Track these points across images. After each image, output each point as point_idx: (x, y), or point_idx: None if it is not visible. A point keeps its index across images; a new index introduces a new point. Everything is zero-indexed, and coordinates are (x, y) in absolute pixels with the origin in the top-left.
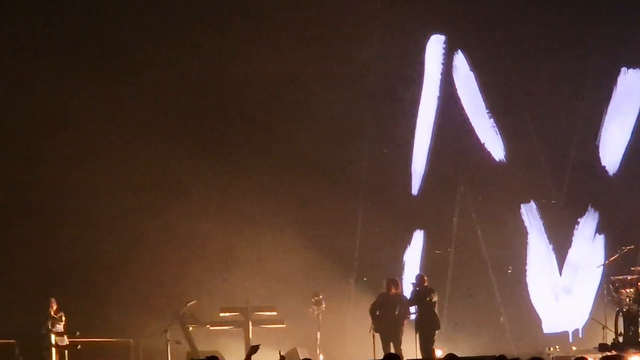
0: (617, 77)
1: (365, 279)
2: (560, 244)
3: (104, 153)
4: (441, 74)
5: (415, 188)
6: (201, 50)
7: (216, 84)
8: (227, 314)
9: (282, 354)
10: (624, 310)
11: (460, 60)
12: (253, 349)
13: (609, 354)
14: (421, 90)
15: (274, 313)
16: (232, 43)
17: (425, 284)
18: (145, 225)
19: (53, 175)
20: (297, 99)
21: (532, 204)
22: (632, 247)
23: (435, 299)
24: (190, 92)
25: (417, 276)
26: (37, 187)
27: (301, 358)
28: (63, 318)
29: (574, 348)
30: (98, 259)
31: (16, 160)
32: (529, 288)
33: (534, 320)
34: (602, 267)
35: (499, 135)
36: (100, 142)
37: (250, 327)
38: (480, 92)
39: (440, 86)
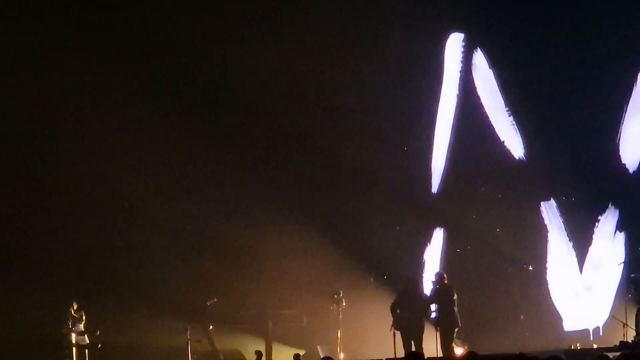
0: (637, 74)
1: (385, 277)
2: (581, 242)
3: (126, 151)
4: (460, 71)
5: (435, 186)
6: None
7: (236, 79)
8: (248, 312)
9: (298, 355)
10: None
11: (479, 58)
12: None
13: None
14: (441, 88)
15: (294, 311)
16: (250, 37)
17: (445, 282)
18: (166, 224)
19: (78, 175)
20: (317, 97)
21: (552, 202)
22: None
23: (455, 297)
24: (208, 88)
25: (436, 274)
26: (60, 186)
27: (321, 356)
28: (84, 317)
29: (594, 346)
30: (119, 258)
31: (37, 159)
32: (549, 286)
33: (555, 318)
34: (622, 264)
35: (519, 133)
36: (122, 140)
37: (270, 325)
38: (500, 90)
39: (459, 84)
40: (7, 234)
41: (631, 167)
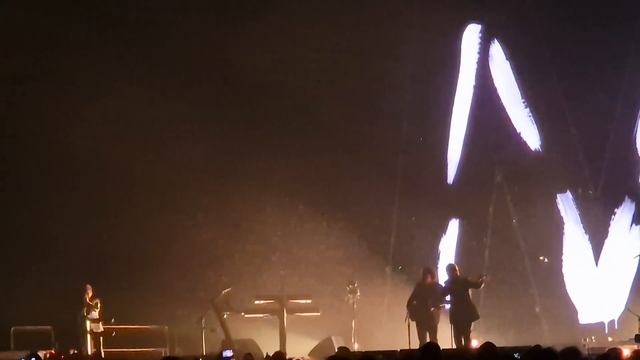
0: None
1: (400, 267)
2: (597, 235)
3: (140, 135)
4: (477, 63)
5: (450, 177)
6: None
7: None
8: (262, 302)
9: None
10: None
11: (496, 49)
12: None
13: None
14: (457, 80)
15: (309, 301)
16: (266, 24)
17: (457, 274)
18: (182, 212)
19: (93, 164)
20: (334, 88)
21: (569, 194)
22: None
23: (469, 285)
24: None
25: (447, 266)
26: (77, 173)
27: (336, 346)
28: (99, 305)
29: (609, 339)
30: (135, 247)
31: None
32: (564, 278)
33: (570, 310)
34: (638, 257)
35: (535, 125)
36: (143, 132)
37: (285, 315)
38: (516, 82)
39: (476, 75)
40: (24, 222)
41: None
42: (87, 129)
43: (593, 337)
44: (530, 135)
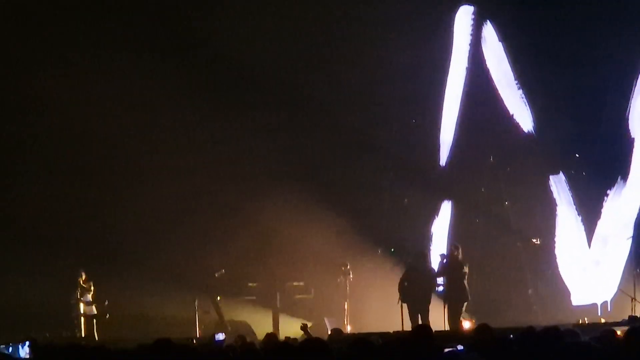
0: None
1: (392, 249)
2: (590, 216)
3: (130, 117)
4: (470, 44)
5: (443, 159)
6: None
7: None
8: (255, 284)
9: (305, 325)
10: None
11: (489, 30)
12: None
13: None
14: (450, 61)
15: (302, 283)
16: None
17: (458, 255)
18: (175, 195)
19: (86, 149)
20: (327, 69)
21: (561, 176)
22: None
23: (465, 269)
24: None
25: (450, 246)
26: (67, 154)
27: (329, 328)
28: (92, 288)
29: (602, 320)
30: (128, 229)
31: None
32: (557, 260)
33: (563, 292)
34: (631, 239)
35: (528, 107)
36: (129, 108)
37: (278, 297)
38: (509, 63)
39: (468, 57)
40: (17, 204)
41: None
42: (71, 113)
43: (586, 319)
44: (523, 117)
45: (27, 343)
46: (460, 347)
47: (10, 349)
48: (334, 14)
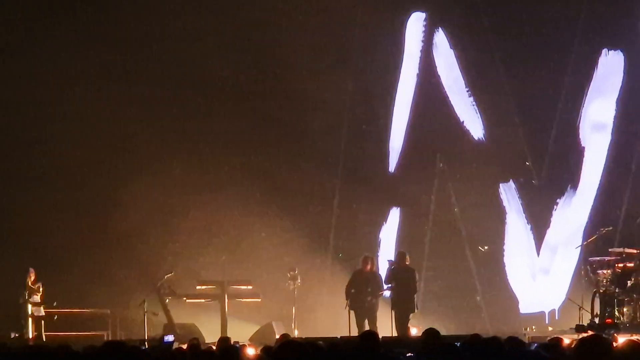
0: (598, 58)
1: (340, 255)
2: (539, 225)
3: (82, 120)
4: (421, 51)
5: (392, 165)
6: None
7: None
8: (204, 287)
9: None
10: (601, 291)
11: (440, 37)
12: None
13: (585, 334)
14: (401, 68)
15: (250, 287)
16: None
17: (406, 263)
18: (124, 197)
19: (36, 146)
20: (278, 74)
21: (511, 184)
22: (610, 228)
23: (416, 278)
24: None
25: (398, 253)
26: (22, 157)
27: (276, 332)
28: (41, 289)
29: (550, 328)
30: (77, 230)
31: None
32: (506, 268)
33: (511, 300)
34: (579, 248)
35: (479, 114)
36: (85, 116)
37: (226, 300)
38: (460, 71)
39: (419, 64)
40: None
41: None
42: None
43: (534, 327)
44: (473, 124)
45: None
46: (409, 355)
47: None
48: (282, 20)
